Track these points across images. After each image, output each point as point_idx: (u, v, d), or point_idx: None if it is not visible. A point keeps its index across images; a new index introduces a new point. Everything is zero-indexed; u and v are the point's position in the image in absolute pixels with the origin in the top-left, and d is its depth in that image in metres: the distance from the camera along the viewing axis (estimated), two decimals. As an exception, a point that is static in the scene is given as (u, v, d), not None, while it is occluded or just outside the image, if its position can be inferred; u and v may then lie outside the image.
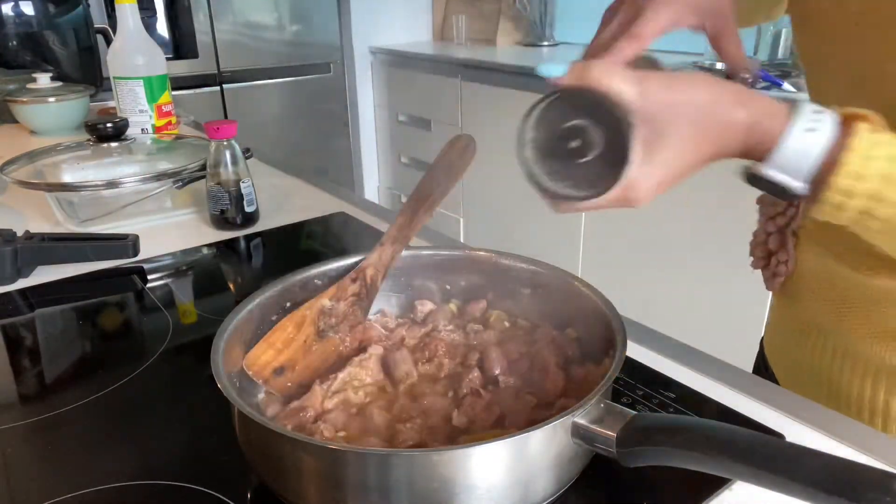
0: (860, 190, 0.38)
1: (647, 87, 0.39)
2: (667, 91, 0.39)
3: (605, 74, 0.38)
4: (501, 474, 0.40)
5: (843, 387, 0.60)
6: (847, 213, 0.39)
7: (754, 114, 0.39)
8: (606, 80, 0.38)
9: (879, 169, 0.37)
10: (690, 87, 0.39)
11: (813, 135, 0.38)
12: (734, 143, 0.40)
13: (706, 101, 0.39)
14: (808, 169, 0.39)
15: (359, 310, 0.58)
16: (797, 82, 1.99)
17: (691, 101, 0.39)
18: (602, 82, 0.38)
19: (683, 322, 1.94)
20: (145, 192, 0.96)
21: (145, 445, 0.53)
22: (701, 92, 0.39)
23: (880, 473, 0.33)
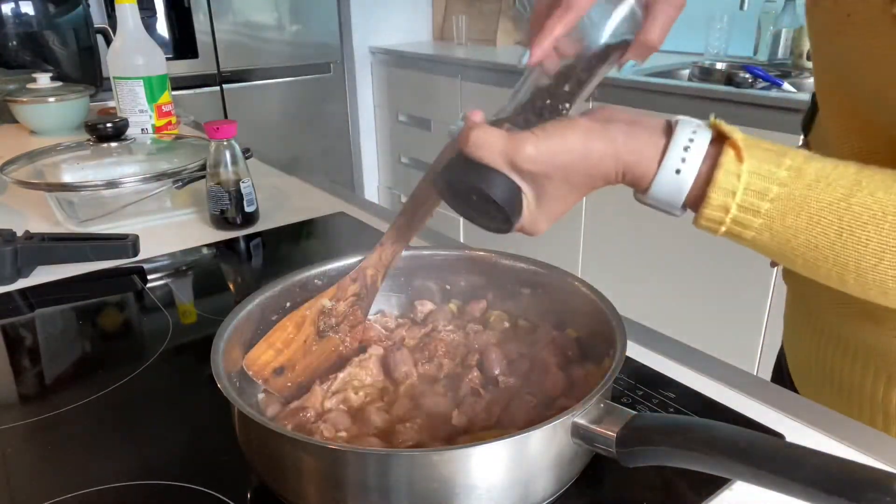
0: (727, 219, 0.42)
1: (522, 147, 0.42)
2: (539, 148, 0.42)
3: (481, 148, 0.43)
4: (501, 474, 0.40)
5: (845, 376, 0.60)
6: (719, 234, 0.43)
7: (625, 162, 0.43)
8: (483, 152, 0.43)
9: (740, 200, 0.41)
10: (562, 146, 0.42)
11: (680, 176, 0.42)
12: (610, 182, 0.44)
13: (576, 160, 0.43)
14: (681, 203, 0.43)
15: (359, 310, 0.58)
16: (797, 82, 1.99)
17: (563, 162, 0.43)
18: (481, 154, 0.43)
19: (683, 322, 1.94)
20: (145, 192, 0.96)
21: (145, 445, 0.53)
22: (571, 152, 0.43)
23: (880, 473, 0.33)
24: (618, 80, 2.00)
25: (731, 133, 0.41)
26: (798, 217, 0.40)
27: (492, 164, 0.43)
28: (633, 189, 0.45)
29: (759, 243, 0.43)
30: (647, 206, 0.45)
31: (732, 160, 0.41)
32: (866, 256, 0.40)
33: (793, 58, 2.12)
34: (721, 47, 2.29)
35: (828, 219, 0.40)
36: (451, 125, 0.47)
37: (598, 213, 2.11)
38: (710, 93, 1.82)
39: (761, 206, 0.41)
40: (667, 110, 1.91)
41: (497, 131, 0.43)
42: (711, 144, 0.42)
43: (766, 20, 2.19)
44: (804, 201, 0.40)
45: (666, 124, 0.44)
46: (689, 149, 0.42)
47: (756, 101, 1.71)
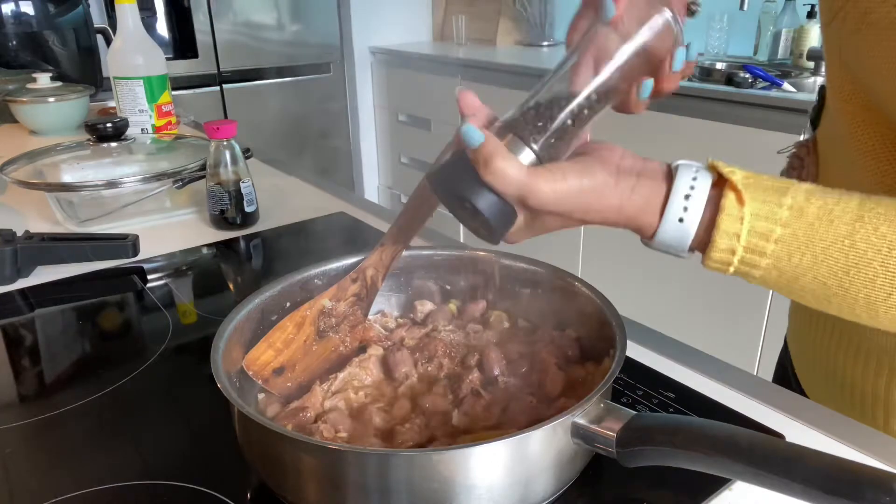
0: (735, 260, 0.42)
1: (537, 188, 0.42)
2: (552, 198, 0.42)
3: (501, 177, 0.42)
4: (501, 474, 0.40)
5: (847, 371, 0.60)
6: (728, 274, 0.44)
7: (628, 215, 0.43)
8: (501, 182, 0.42)
9: (745, 243, 0.41)
10: (575, 194, 0.42)
11: (684, 224, 0.42)
12: (611, 226, 0.45)
13: (581, 208, 0.43)
14: (687, 248, 0.44)
15: (359, 310, 0.58)
16: (797, 82, 1.99)
17: (569, 207, 0.43)
18: (497, 183, 0.42)
19: (683, 322, 1.94)
20: (145, 192, 0.96)
21: (145, 445, 0.53)
22: (580, 202, 0.43)
23: (881, 473, 0.33)
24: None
25: (730, 175, 0.41)
26: (804, 256, 0.41)
27: (503, 195, 0.43)
28: (639, 236, 0.45)
29: (768, 281, 0.43)
30: (654, 250, 0.46)
31: (734, 204, 0.41)
32: (875, 292, 0.41)
33: (793, 58, 2.12)
34: (721, 47, 2.29)
35: (833, 257, 0.40)
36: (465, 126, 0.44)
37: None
38: (710, 93, 1.82)
39: (766, 247, 0.41)
40: (667, 110, 1.91)
41: (518, 165, 0.42)
42: (713, 188, 0.42)
43: (766, 20, 2.19)
44: (808, 241, 0.40)
45: (667, 171, 0.44)
46: (690, 196, 0.42)
47: (756, 101, 1.71)
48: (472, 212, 0.44)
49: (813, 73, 2.03)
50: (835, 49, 0.53)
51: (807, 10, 2.07)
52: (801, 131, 1.57)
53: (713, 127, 1.80)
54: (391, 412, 0.50)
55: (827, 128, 0.61)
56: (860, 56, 0.49)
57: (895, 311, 0.41)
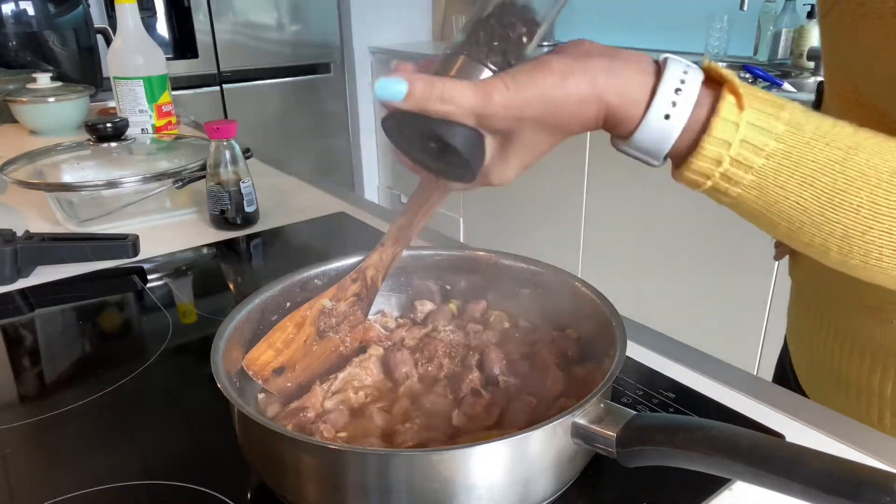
0: (717, 172, 0.39)
1: (492, 101, 0.38)
2: (512, 101, 0.38)
3: (445, 100, 0.38)
4: (501, 474, 0.40)
5: (844, 369, 0.60)
6: (702, 189, 0.40)
7: (607, 104, 0.38)
8: (448, 106, 0.38)
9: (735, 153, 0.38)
10: (536, 95, 0.38)
11: (669, 122, 0.38)
12: (588, 128, 0.40)
13: (552, 109, 0.38)
14: (665, 152, 0.40)
15: (359, 310, 0.58)
16: (797, 82, 1.99)
17: (537, 113, 0.39)
18: (444, 109, 0.38)
19: (683, 322, 1.94)
20: (145, 192, 0.96)
21: (145, 445, 0.53)
22: (546, 101, 0.38)
23: (881, 473, 0.33)
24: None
25: (730, 77, 0.38)
26: (792, 176, 0.38)
27: (459, 121, 0.39)
28: (612, 135, 0.41)
29: (742, 202, 0.40)
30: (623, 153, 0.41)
31: (732, 107, 0.38)
32: (856, 222, 0.39)
33: (793, 58, 2.12)
34: (721, 47, 2.29)
35: (822, 180, 0.38)
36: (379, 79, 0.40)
37: (598, 212, 2.11)
38: (710, 93, 1.82)
39: (756, 161, 0.38)
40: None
41: (461, 84, 0.38)
42: (704, 87, 0.39)
43: (766, 20, 2.19)
44: (800, 159, 0.38)
45: (653, 63, 0.40)
46: (680, 91, 0.38)
47: (756, 101, 1.71)
48: (437, 149, 0.40)
49: (813, 73, 2.03)
50: (829, 43, 0.53)
51: (807, 10, 2.07)
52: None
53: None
54: (391, 412, 0.50)
55: None
56: (854, 49, 0.49)
57: (870, 246, 0.39)
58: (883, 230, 0.39)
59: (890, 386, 0.57)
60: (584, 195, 2.13)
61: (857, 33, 0.47)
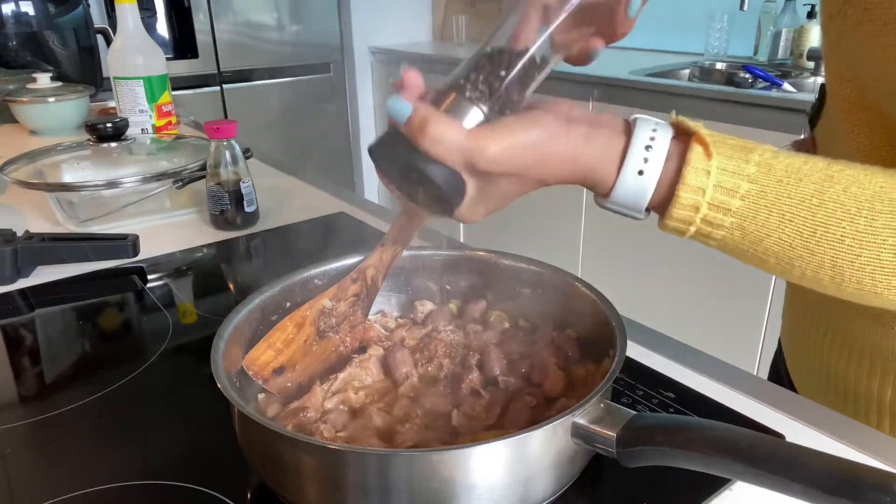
0: (697, 218, 0.40)
1: (483, 151, 0.39)
2: (500, 157, 0.40)
3: (437, 140, 0.39)
4: (501, 474, 0.40)
5: (841, 372, 0.60)
6: (687, 236, 0.42)
7: (584, 167, 0.41)
8: (438, 147, 0.39)
9: (710, 199, 0.39)
10: (523, 148, 0.40)
11: (643, 177, 0.40)
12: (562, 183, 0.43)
13: (534, 164, 0.40)
14: (645, 205, 0.42)
15: (359, 310, 0.58)
16: (797, 82, 1.99)
17: (520, 165, 0.40)
18: (434, 149, 0.40)
19: (683, 322, 1.94)
20: (145, 192, 0.96)
21: (145, 445, 0.53)
22: (530, 155, 0.40)
23: (881, 473, 0.33)
24: (618, 80, 2.00)
25: (696, 129, 0.40)
26: (770, 214, 0.39)
27: (447, 163, 0.40)
28: (594, 194, 0.43)
29: (729, 244, 0.41)
30: (609, 210, 0.43)
31: (700, 157, 0.39)
32: (842, 253, 0.39)
33: (793, 58, 2.12)
34: (721, 47, 2.29)
35: (801, 216, 0.39)
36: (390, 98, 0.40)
37: (598, 212, 2.11)
38: (710, 93, 1.82)
39: (732, 203, 0.39)
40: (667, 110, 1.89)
41: (457, 127, 0.40)
42: (673, 141, 0.40)
43: (766, 20, 2.19)
44: (776, 198, 0.39)
45: (625, 124, 0.42)
46: (650, 147, 0.40)
47: (756, 101, 1.71)
48: (419, 181, 0.41)
49: (813, 73, 2.03)
50: (834, 46, 0.53)
51: (807, 10, 2.07)
52: (801, 131, 1.57)
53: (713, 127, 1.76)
54: (391, 412, 0.50)
55: (826, 126, 0.61)
56: (859, 52, 0.49)
57: (861, 273, 0.40)
58: (871, 257, 0.39)
59: (889, 391, 0.57)
60: (584, 195, 2.13)
61: (862, 38, 0.47)
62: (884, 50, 0.45)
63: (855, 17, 0.47)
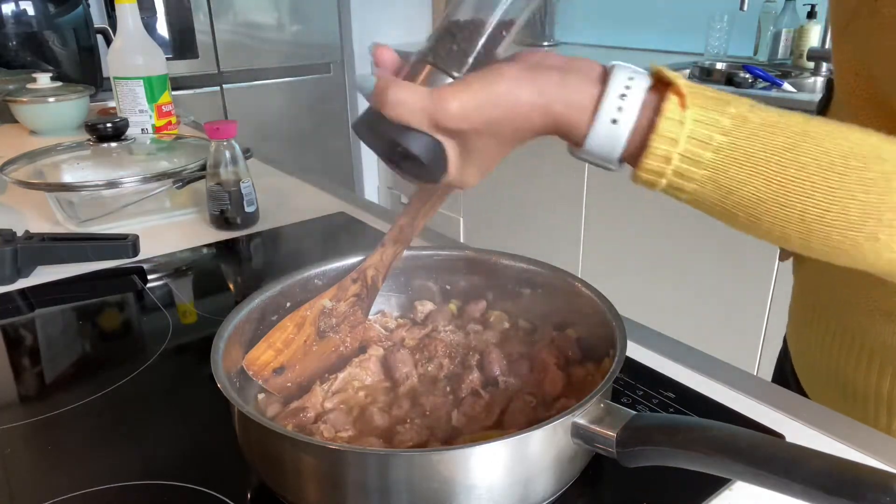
0: (669, 170, 0.39)
1: (444, 105, 0.39)
2: (464, 105, 0.39)
3: (398, 103, 0.39)
4: (501, 474, 0.40)
5: (850, 373, 0.60)
6: (658, 188, 0.41)
7: (556, 113, 0.40)
8: (400, 109, 0.40)
9: (682, 150, 0.39)
10: (486, 100, 0.39)
11: (617, 126, 0.39)
12: (539, 134, 0.41)
13: (502, 115, 0.40)
14: (618, 155, 0.41)
15: (359, 310, 0.58)
16: (797, 82, 1.99)
17: (488, 117, 0.40)
18: (397, 112, 0.40)
19: (683, 322, 1.94)
20: (145, 192, 0.96)
21: (145, 445, 0.53)
22: (496, 106, 0.40)
23: (881, 474, 0.33)
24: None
25: (674, 79, 0.39)
26: (742, 167, 0.39)
27: (412, 125, 0.40)
28: (567, 143, 0.42)
29: (700, 198, 0.40)
30: (583, 161, 0.43)
31: (675, 107, 0.39)
32: (811, 208, 0.39)
33: (793, 58, 2.12)
34: (721, 47, 2.29)
35: (772, 169, 0.38)
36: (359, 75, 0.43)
37: (598, 212, 2.11)
38: (710, 93, 1.82)
39: (704, 155, 0.39)
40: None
41: (414, 88, 0.40)
42: (650, 91, 0.40)
43: (766, 20, 2.19)
44: (749, 150, 0.38)
45: (602, 71, 0.41)
46: (625, 96, 0.39)
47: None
48: (401, 153, 0.41)
49: (813, 73, 2.03)
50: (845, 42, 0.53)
51: (807, 10, 2.07)
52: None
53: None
54: (391, 412, 0.50)
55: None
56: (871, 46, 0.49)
57: (829, 228, 0.39)
58: (839, 212, 0.39)
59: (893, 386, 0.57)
60: (584, 195, 2.13)
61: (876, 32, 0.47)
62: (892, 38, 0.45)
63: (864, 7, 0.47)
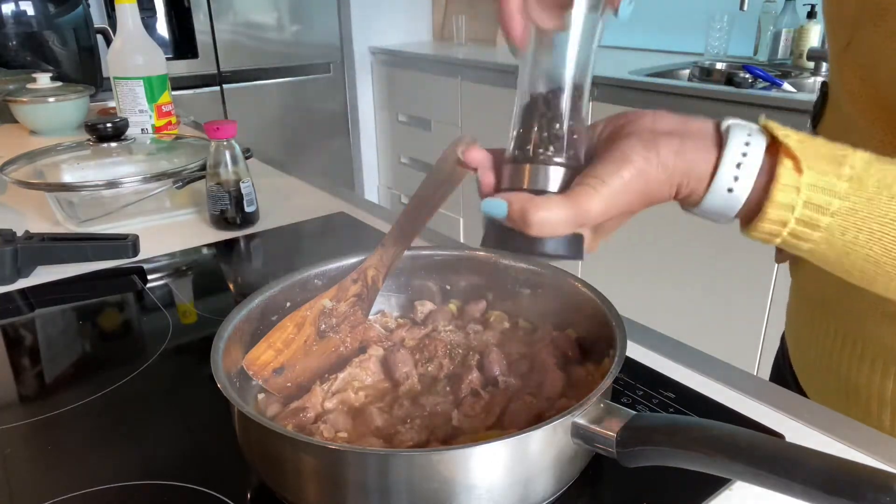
0: (785, 232, 0.40)
1: (588, 212, 0.40)
2: (604, 204, 0.40)
3: (543, 224, 0.40)
4: (501, 474, 0.40)
5: (851, 374, 0.60)
6: (773, 244, 0.42)
7: (677, 184, 0.40)
8: (547, 228, 0.40)
9: (799, 214, 0.39)
10: (622, 189, 0.40)
11: (733, 194, 0.40)
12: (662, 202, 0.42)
13: (637, 197, 0.41)
14: (731, 217, 0.41)
15: (360, 310, 0.58)
16: (797, 82, 1.99)
17: (625, 203, 0.41)
18: (545, 232, 0.40)
19: (683, 322, 1.94)
20: (145, 192, 0.96)
21: (145, 445, 0.53)
22: (631, 192, 0.40)
23: (881, 473, 0.33)
24: (618, 80, 2.00)
25: (784, 139, 0.39)
26: (860, 232, 0.39)
27: (561, 235, 0.41)
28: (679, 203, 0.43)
29: (816, 254, 0.41)
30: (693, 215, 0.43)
31: (790, 172, 0.38)
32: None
33: (793, 58, 2.12)
34: (721, 47, 2.29)
35: (891, 234, 0.39)
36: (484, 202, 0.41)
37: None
38: (710, 93, 1.82)
39: (821, 220, 0.39)
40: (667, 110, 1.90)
41: (555, 203, 0.40)
42: (766, 154, 0.40)
43: (766, 20, 2.19)
44: (867, 216, 0.38)
45: (716, 133, 0.41)
46: (741, 165, 0.39)
47: (756, 101, 1.71)
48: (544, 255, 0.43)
49: (813, 73, 2.03)
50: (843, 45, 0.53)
51: (807, 10, 2.07)
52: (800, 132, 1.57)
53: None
54: (391, 412, 0.50)
55: (833, 124, 0.60)
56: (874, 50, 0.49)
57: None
58: None
59: (892, 386, 0.57)
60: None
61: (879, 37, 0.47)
62: None
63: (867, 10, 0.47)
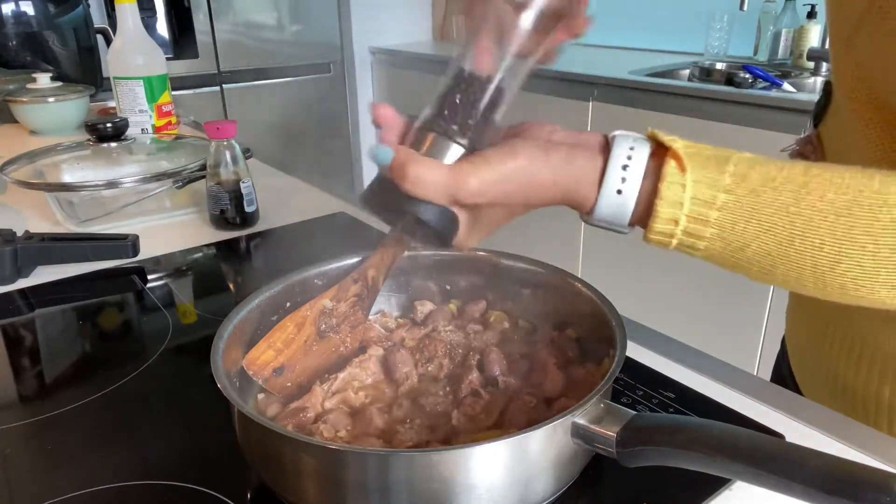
0: (678, 230, 0.41)
1: (465, 186, 0.41)
2: (482, 188, 0.41)
3: (420, 183, 0.41)
4: (501, 474, 0.40)
5: (849, 378, 0.60)
6: (671, 248, 0.42)
7: (565, 188, 0.42)
8: (422, 189, 0.41)
9: (688, 211, 0.40)
10: (504, 177, 0.41)
11: (622, 196, 0.41)
12: (548, 205, 0.44)
13: (517, 190, 0.42)
14: (626, 221, 0.42)
15: (359, 310, 0.58)
16: (797, 82, 1.99)
17: (504, 192, 0.42)
18: (419, 191, 0.41)
19: (683, 322, 1.94)
20: (145, 192, 0.96)
21: (145, 445, 0.53)
22: (513, 182, 0.42)
23: (881, 474, 0.33)
24: (618, 80, 2.00)
25: (670, 143, 0.40)
26: (748, 224, 0.40)
27: (433, 201, 0.42)
28: (578, 212, 0.44)
29: (712, 254, 0.42)
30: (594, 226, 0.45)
31: (675, 171, 0.40)
32: (822, 259, 0.39)
33: (793, 58, 2.12)
34: (721, 47, 2.29)
35: (779, 224, 0.39)
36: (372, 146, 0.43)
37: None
38: (710, 93, 1.82)
39: (710, 214, 0.40)
40: (667, 110, 1.91)
41: (435, 166, 0.42)
42: (651, 158, 0.41)
43: (766, 20, 2.19)
44: (753, 207, 0.39)
45: (603, 142, 0.43)
46: (627, 167, 0.41)
47: (756, 101, 1.71)
48: (414, 221, 0.43)
49: (813, 73, 2.03)
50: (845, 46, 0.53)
51: (807, 10, 2.07)
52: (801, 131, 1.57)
53: (713, 127, 1.80)
54: (391, 412, 0.50)
55: (834, 123, 0.60)
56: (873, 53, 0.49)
57: (843, 279, 0.40)
58: (852, 263, 0.39)
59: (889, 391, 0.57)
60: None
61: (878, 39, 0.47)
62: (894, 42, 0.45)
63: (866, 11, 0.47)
